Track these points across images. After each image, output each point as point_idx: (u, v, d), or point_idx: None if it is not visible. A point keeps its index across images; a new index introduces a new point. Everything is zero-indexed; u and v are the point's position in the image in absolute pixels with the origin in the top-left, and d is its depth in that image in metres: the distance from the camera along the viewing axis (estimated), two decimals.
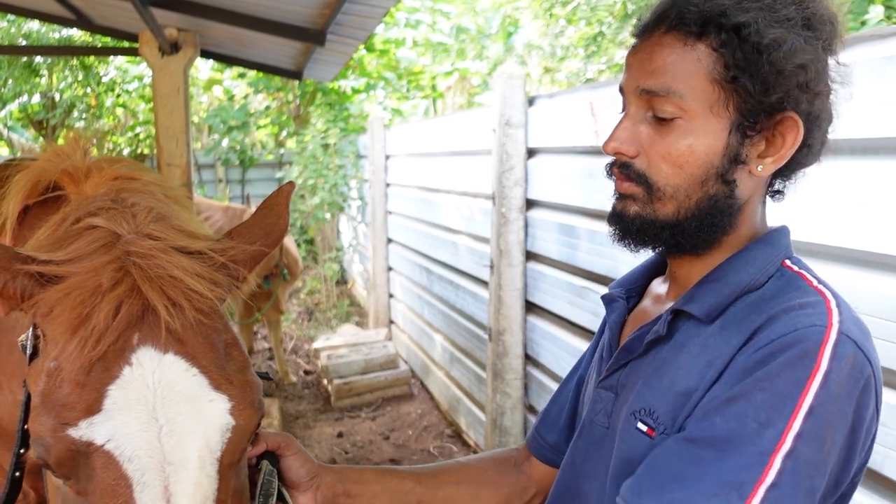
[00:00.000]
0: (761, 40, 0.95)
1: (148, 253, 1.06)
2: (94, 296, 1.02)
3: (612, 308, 1.25)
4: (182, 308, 1.04)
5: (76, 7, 5.20)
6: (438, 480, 1.37)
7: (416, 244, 6.37)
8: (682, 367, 1.02)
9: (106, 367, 1.00)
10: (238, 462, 1.09)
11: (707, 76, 0.98)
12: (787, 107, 0.98)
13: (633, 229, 1.08)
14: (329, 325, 8.49)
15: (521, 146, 3.95)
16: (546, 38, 8.87)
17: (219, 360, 1.07)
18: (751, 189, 1.05)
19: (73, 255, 1.06)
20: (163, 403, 1.00)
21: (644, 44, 1.05)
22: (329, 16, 4.00)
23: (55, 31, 10.98)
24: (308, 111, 11.22)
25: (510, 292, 4.04)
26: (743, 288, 1.03)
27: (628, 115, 1.06)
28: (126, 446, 0.98)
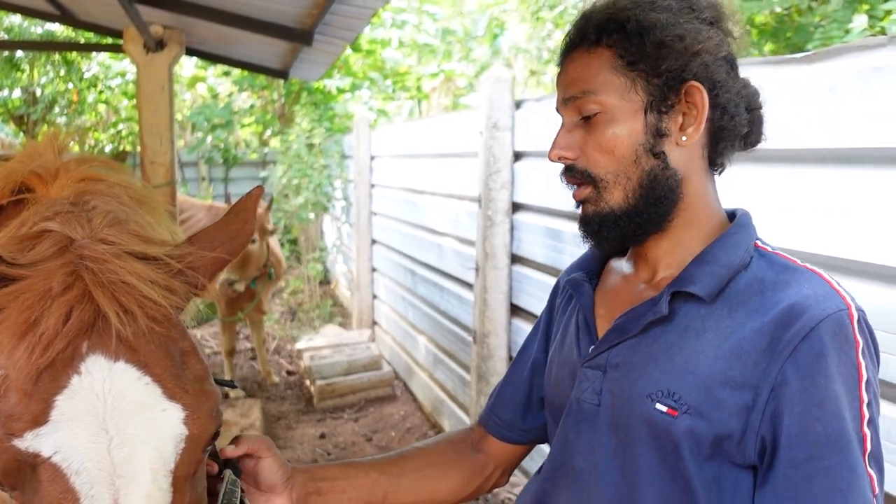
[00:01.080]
0: (641, 27, 1.12)
1: (101, 258, 1.03)
2: (44, 300, 0.98)
3: (580, 291, 1.32)
4: (134, 315, 1.00)
5: (60, 2, 5.15)
6: (401, 468, 1.42)
7: (401, 245, 6.36)
8: (698, 352, 1.10)
9: (54, 376, 0.96)
10: (194, 474, 1.06)
11: (610, 70, 1.14)
12: (686, 77, 1.12)
13: (596, 227, 1.19)
14: (312, 325, 8.46)
15: (508, 149, 3.95)
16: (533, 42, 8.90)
17: (173, 369, 1.03)
18: (685, 160, 1.17)
19: (25, 260, 1.02)
20: (113, 414, 0.97)
21: (562, 68, 1.23)
22: (317, 16, 3.99)
23: (37, 25, 10.85)
24: (293, 110, 11.18)
25: (495, 295, 4.04)
26: (735, 268, 1.13)
27: (563, 125, 1.22)
28: (74, 459, 0.95)
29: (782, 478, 1.03)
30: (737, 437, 1.06)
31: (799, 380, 1.02)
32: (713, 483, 1.09)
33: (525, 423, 1.46)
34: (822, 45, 4.73)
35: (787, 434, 1.02)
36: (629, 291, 1.26)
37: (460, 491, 1.46)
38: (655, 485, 1.12)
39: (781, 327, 1.04)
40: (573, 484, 1.23)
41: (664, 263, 1.22)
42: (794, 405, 1.02)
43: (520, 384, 1.47)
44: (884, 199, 1.76)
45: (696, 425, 1.07)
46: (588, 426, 1.21)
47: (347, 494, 1.36)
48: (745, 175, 2.17)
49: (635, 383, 1.14)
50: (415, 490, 1.42)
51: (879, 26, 4.57)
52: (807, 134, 1.98)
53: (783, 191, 2.06)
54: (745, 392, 1.05)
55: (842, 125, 1.86)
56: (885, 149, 1.76)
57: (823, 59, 1.91)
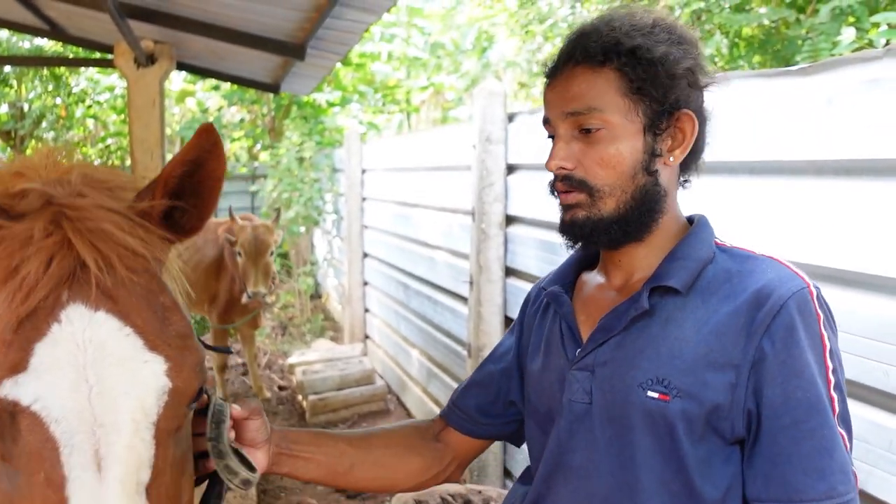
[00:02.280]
0: (653, 56, 1.20)
1: (80, 208, 1.03)
2: (25, 247, 0.98)
3: (560, 302, 1.39)
4: (113, 264, 1.00)
5: (50, 17, 5.13)
6: (368, 444, 1.51)
7: (393, 259, 6.35)
8: (681, 339, 1.20)
9: (34, 324, 0.96)
10: (178, 430, 1.05)
11: (617, 91, 1.22)
12: (681, 106, 1.23)
13: (586, 232, 1.27)
14: (303, 339, 8.41)
15: (501, 162, 3.95)
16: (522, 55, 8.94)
17: (155, 322, 1.02)
18: (668, 177, 1.28)
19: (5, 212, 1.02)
20: (93, 363, 0.96)
21: (558, 79, 1.28)
22: (310, 30, 3.99)
23: (25, 40, 10.81)
24: (283, 124, 11.17)
25: (490, 308, 4.03)
26: (703, 262, 1.24)
27: (560, 137, 1.27)
28: (53, 407, 0.93)
29: (772, 444, 1.13)
30: (724, 412, 1.15)
31: (776, 353, 1.13)
32: (705, 461, 1.17)
33: (486, 419, 1.55)
34: (809, 57, 4.77)
35: (771, 404, 1.12)
36: (605, 297, 1.35)
37: (419, 475, 1.54)
38: (651, 468, 1.20)
39: (754, 308, 1.15)
40: (570, 482, 1.29)
41: (638, 267, 1.32)
42: (776, 376, 1.13)
43: (489, 385, 1.54)
44: (882, 210, 1.77)
45: (688, 406, 1.16)
46: (581, 425, 1.28)
47: (315, 461, 1.43)
48: (744, 187, 2.18)
49: (626, 375, 1.22)
50: (379, 466, 1.50)
51: (867, 38, 4.61)
52: (804, 146, 1.98)
53: (781, 203, 2.06)
54: (727, 370, 1.15)
55: (839, 137, 1.87)
56: (883, 160, 1.76)
57: (820, 72, 1.92)
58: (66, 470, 0.92)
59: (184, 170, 1.11)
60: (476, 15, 11.11)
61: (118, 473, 0.94)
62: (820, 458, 1.10)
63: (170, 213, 1.13)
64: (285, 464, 1.40)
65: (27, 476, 0.93)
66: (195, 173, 1.12)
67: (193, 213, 1.15)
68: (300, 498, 4.56)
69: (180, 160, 1.10)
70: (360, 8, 3.57)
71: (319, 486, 4.76)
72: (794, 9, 5.87)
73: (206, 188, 1.13)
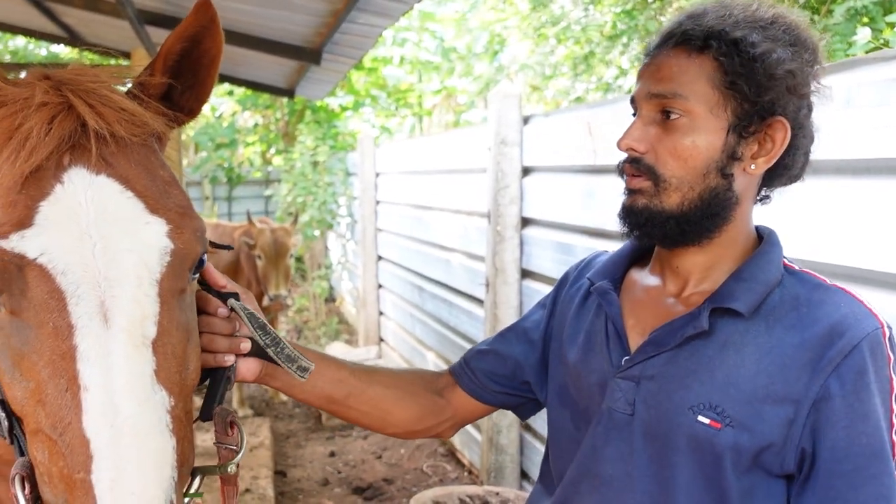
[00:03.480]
0: (755, 51, 1.12)
1: (78, 80, 1.08)
2: (27, 108, 1.02)
3: (608, 301, 1.33)
4: (113, 129, 1.04)
5: (68, 25, 5.19)
6: (371, 379, 1.45)
7: (408, 262, 6.37)
8: (739, 366, 1.14)
9: (37, 184, 1.00)
10: (182, 293, 1.08)
11: (708, 82, 1.14)
12: (776, 111, 1.14)
13: (642, 221, 1.21)
14: (318, 342, 8.45)
15: (517, 164, 3.97)
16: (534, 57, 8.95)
17: (155, 190, 1.06)
18: (745, 186, 1.20)
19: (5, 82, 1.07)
20: (96, 222, 1.00)
21: (654, 58, 1.22)
22: (326, 35, 4.03)
23: (42, 47, 10.93)
24: (296, 128, 11.23)
25: (506, 310, 4.04)
26: (770, 286, 1.17)
27: (640, 117, 1.22)
28: (59, 260, 0.97)
29: (828, 488, 1.08)
30: (777, 448, 1.10)
31: (843, 395, 1.08)
32: (748, 493, 1.13)
33: (496, 387, 1.50)
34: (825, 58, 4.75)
35: (833, 446, 1.07)
36: (659, 304, 1.28)
37: (413, 423, 1.49)
38: (691, 494, 1.15)
39: (824, 345, 1.10)
40: (601, 490, 1.26)
41: (696, 278, 1.25)
42: (840, 419, 1.07)
43: (507, 358, 1.50)
44: None
45: (740, 437, 1.11)
46: (618, 435, 1.24)
47: (313, 381, 1.37)
48: None
49: (674, 395, 1.17)
50: (374, 402, 1.44)
51: (882, 39, 4.60)
52: (823, 145, 1.99)
53: (801, 202, 2.07)
54: (786, 405, 1.10)
55: (858, 136, 1.87)
56: None
57: (839, 71, 1.92)
58: (73, 319, 0.96)
59: (182, 45, 1.14)
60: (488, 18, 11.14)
61: (124, 324, 0.97)
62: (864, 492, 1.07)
63: (168, 93, 1.17)
64: (280, 377, 1.33)
65: (36, 328, 0.97)
66: (193, 50, 1.15)
67: (191, 93, 1.18)
68: (318, 500, 4.59)
69: (179, 36, 1.13)
70: (376, 13, 3.61)
71: (336, 488, 4.78)
72: (808, 10, 5.85)
73: (203, 66, 1.16)
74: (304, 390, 1.38)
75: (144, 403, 0.96)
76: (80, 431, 0.93)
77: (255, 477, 4.53)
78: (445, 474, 4.93)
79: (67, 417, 0.94)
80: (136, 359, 0.97)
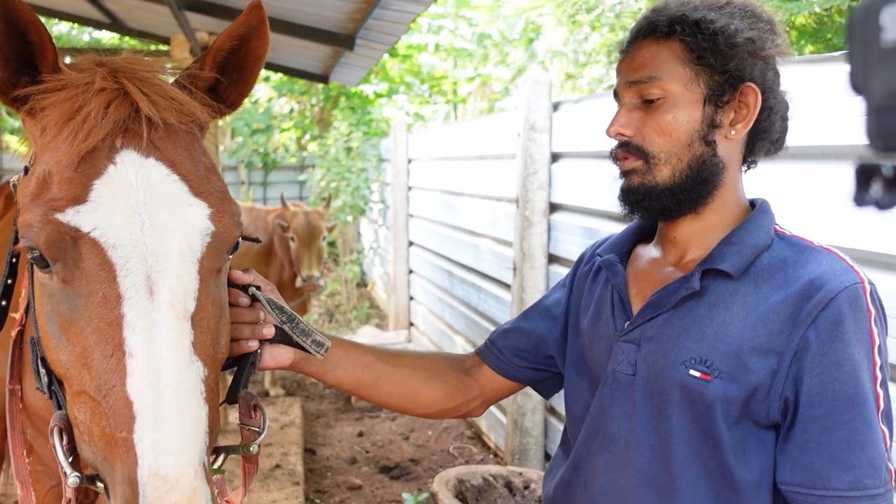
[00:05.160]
0: (714, 26, 1.23)
1: (132, 69, 1.16)
2: (87, 92, 1.09)
3: (614, 272, 1.42)
4: (164, 114, 1.12)
5: (111, 11, 5.32)
6: (397, 362, 1.53)
7: (438, 247, 6.43)
8: (728, 322, 1.22)
9: (92, 164, 1.07)
10: (219, 272, 1.15)
11: (679, 61, 1.26)
12: (745, 78, 1.24)
13: (639, 198, 1.31)
14: (349, 326, 8.57)
15: (546, 150, 4.00)
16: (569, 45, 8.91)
17: (198, 174, 1.14)
18: (729, 152, 1.29)
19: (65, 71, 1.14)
20: (145, 201, 1.07)
21: (627, 53, 1.34)
22: (359, 20, 4.08)
23: (85, 33, 11.16)
24: (331, 115, 11.33)
25: (533, 294, 4.08)
26: (759, 248, 1.25)
27: (623, 105, 1.33)
28: (110, 235, 1.05)
29: (803, 432, 1.15)
30: (762, 397, 1.19)
31: (819, 344, 1.14)
32: (740, 443, 1.21)
33: (521, 362, 1.57)
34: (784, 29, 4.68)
35: (808, 393, 1.15)
36: (658, 273, 1.37)
37: (442, 402, 1.56)
38: (687, 444, 1.24)
39: (803, 299, 1.17)
40: (608, 448, 1.34)
41: (693, 245, 1.34)
42: (815, 367, 1.15)
43: (530, 334, 1.57)
44: None
45: (727, 388, 1.20)
46: (622, 395, 1.33)
47: (343, 366, 1.46)
48: (787, 172, 2.20)
49: (669, 352, 1.26)
50: (403, 384, 1.52)
51: None
52: (849, 131, 2.00)
53: (824, 187, 2.08)
54: (770, 357, 1.18)
55: None
56: None
57: None
58: (121, 290, 1.04)
59: (232, 44, 1.22)
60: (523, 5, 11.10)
61: (168, 297, 1.05)
62: (849, 451, 1.12)
63: (214, 86, 1.25)
64: (314, 363, 1.41)
65: (86, 297, 1.05)
66: (240, 49, 1.23)
67: (235, 87, 1.27)
68: (346, 478, 4.69)
69: (229, 34, 1.22)
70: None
71: (364, 467, 4.88)
72: None
73: (248, 64, 1.25)
74: (336, 375, 1.46)
75: (184, 371, 1.02)
76: (123, 394, 1.00)
77: (286, 454, 4.64)
78: (471, 456, 5.00)
79: (112, 381, 1.01)
80: (177, 330, 1.04)
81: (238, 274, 1.31)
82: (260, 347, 1.32)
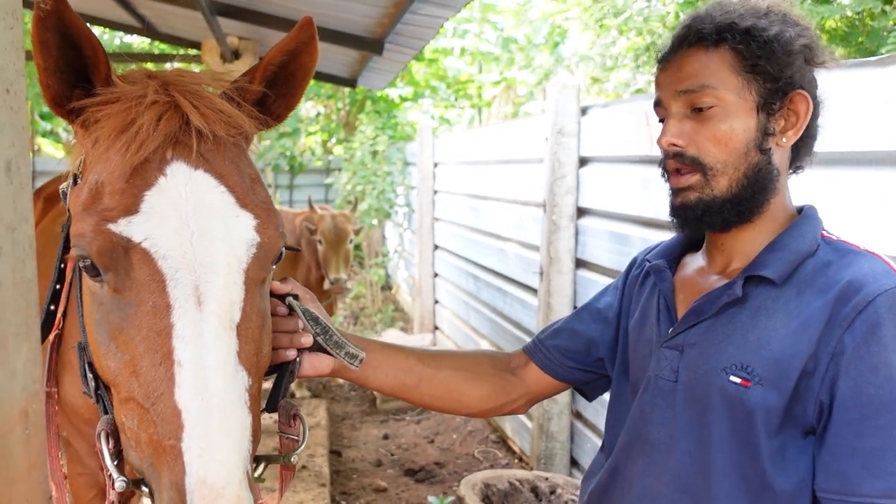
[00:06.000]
0: (769, 33, 1.22)
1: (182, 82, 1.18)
2: (140, 105, 1.12)
3: (662, 277, 1.42)
4: (214, 130, 1.14)
5: (143, 16, 5.40)
6: (438, 363, 1.53)
7: (464, 251, 6.44)
8: (770, 329, 1.21)
9: (143, 175, 1.09)
10: (263, 283, 1.17)
11: (731, 69, 1.23)
12: (796, 86, 1.23)
13: (698, 214, 1.29)
14: (374, 329, 8.60)
15: (574, 155, 3.99)
16: (595, 49, 8.89)
17: (244, 185, 1.17)
18: (781, 159, 1.28)
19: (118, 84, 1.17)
20: (195, 212, 1.09)
21: (670, 63, 1.31)
22: (388, 25, 4.11)
23: (117, 37, 11.33)
24: (357, 118, 11.40)
25: (559, 299, 4.08)
26: (803, 255, 1.24)
27: (672, 115, 1.30)
28: (161, 245, 1.07)
29: (836, 436, 1.13)
30: (801, 402, 1.17)
31: (854, 348, 1.12)
32: (779, 452, 1.20)
33: (569, 363, 1.56)
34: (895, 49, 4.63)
35: (842, 397, 1.13)
36: (704, 280, 1.37)
37: (485, 402, 1.55)
38: (726, 451, 1.23)
39: (841, 302, 1.15)
40: (648, 454, 1.34)
41: (739, 253, 1.32)
42: (850, 370, 1.13)
43: (581, 335, 1.56)
44: None
45: (768, 395, 1.18)
46: (663, 401, 1.32)
47: (384, 371, 1.47)
48: (822, 178, 2.18)
49: (711, 358, 1.26)
50: (446, 386, 1.52)
51: None
52: (883, 136, 1.98)
53: (859, 193, 2.06)
54: (809, 362, 1.16)
55: None
56: None
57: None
58: (171, 300, 1.06)
59: (282, 59, 1.25)
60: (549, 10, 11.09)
61: (215, 307, 1.07)
62: (883, 457, 1.09)
63: (262, 99, 1.27)
64: (353, 370, 1.39)
65: (136, 306, 1.07)
66: (290, 63, 1.26)
67: (282, 101, 1.29)
68: (371, 480, 4.71)
69: (280, 49, 1.24)
70: (438, 3, 3.67)
71: (389, 469, 4.90)
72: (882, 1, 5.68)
73: (297, 78, 1.27)
74: (378, 380, 1.47)
75: (230, 381, 1.05)
76: (172, 403, 1.02)
77: (312, 455, 4.67)
78: (496, 460, 4.99)
79: (160, 389, 1.03)
80: (224, 340, 1.06)
81: (276, 284, 1.33)
82: (299, 356, 1.33)
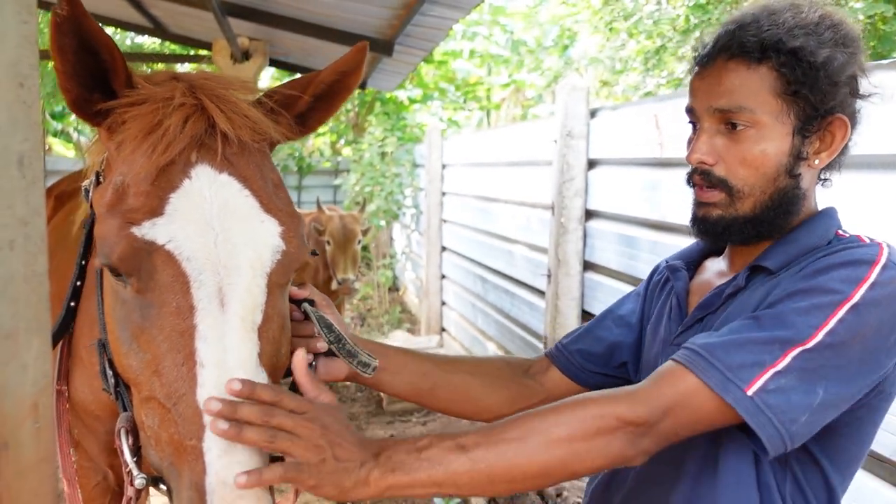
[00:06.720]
0: (816, 59, 1.16)
1: (209, 85, 1.19)
2: (167, 106, 1.12)
3: (677, 277, 1.43)
4: (239, 135, 1.15)
5: (154, 16, 5.43)
6: (455, 368, 1.51)
7: (471, 253, 6.44)
8: (746, 303, 1.23)
9: (168, 178, 1.10)
10: (283, 287, 1.18)
11: (771, 91, 1.19)
12: (836, 111, 1.20)
13: (719, 230, 1.28)
14: (381, 330, 8.60)
15: (583, 157, 3.99)
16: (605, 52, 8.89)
17: (268, 191, 1.17)
18: (809, 180, 1.26)
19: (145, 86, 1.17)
20: (219, 215, 1.10)
21: (708, 70, 1.26)
22: (398, 27, 4.12)
23: (128, 37, 11.38)
24: (366, 120, 11.42)
25: (567, 301, 4.07)
26: (809, 248, 1.23)
27: (703, 130, 1.26)
28: (185, 247, 1.07)
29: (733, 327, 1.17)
30: None
31: (793, 272, 1.18)
32: None
33: (591, 367, 1.54)
34: None
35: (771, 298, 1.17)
36: (719, 281, 1.36)
37: (504, 406, 1.51)
38: None
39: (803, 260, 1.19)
40: None
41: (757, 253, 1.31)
42: (782, 282, 1.18)
43: (604, 339, 1.55)
44: None
45: None
46: None
47: (400, 376, 1.45)
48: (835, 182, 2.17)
49: None
50: (461, 391, 1.50)
51: None
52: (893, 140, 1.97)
53: (871, 196, 2.05)
54: None
55: None
56: None
57: None
58: (194, 301, 1.06)
59: (334, 78, 1.27)
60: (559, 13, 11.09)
61: (238, 309, 1.07)
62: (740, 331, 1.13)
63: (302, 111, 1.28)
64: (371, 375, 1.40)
65: (159, 307, 1.07)
66: (336, 82, 1.28)
67: (319, 114, 1.30)
68: None
69: (334, 69, 1.26)
70: (448, 5, 3.67)
71: None
72: (891, 3, 5.66)
73: (338, 95, 1.29)
74: (393, 385, 1.46)
75: None
76: (194, 403, 1.02)
77: None
78: None
79: (182, 389, 1.03)
80: (246, 341, 1.06)
81: (294, 289, 1.33)
82: (315, 360, 1.33)
